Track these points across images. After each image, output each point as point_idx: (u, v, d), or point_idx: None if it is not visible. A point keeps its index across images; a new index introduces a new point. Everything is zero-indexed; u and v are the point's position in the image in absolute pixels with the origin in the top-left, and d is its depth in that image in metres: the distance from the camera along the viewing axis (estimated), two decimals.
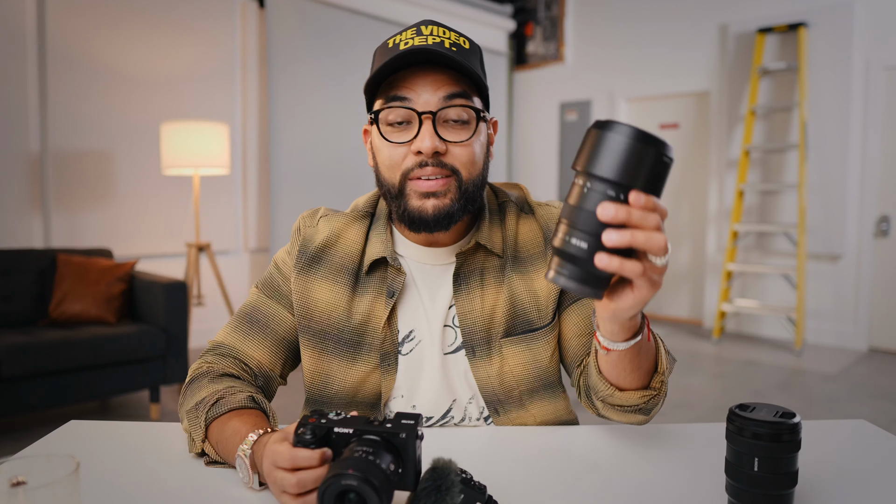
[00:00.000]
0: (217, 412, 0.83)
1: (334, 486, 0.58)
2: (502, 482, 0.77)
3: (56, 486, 0.51)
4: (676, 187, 5.68)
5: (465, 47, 0.89)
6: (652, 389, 0.83)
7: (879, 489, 0.77)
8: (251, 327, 0.98)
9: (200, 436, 0.83)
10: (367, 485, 0.58)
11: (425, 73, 0.87)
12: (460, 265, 0.95)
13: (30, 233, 3.78)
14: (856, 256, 4.65)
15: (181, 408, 0.90)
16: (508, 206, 1.00)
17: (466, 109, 0.87)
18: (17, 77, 3.69)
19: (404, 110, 0.87)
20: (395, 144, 0.88)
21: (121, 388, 3.03)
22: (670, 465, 0.83)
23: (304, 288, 0.97)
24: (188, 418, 0.86)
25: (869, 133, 4.56)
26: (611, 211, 0.56)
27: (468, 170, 0.88)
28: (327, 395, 0.97)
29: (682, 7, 5.41)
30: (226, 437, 0.79)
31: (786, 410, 0.68)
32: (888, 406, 3.41)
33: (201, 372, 0.93)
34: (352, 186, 5.08)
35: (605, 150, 0.57)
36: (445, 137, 0.87)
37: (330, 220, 1.00)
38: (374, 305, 0.95)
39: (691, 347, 4.73)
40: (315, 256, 0.97)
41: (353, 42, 5.11)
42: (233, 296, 4.62)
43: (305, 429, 0.66)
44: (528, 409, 0.97)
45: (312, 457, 0.65)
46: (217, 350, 0.97)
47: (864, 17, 4.52)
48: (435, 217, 0.87)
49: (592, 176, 0.58)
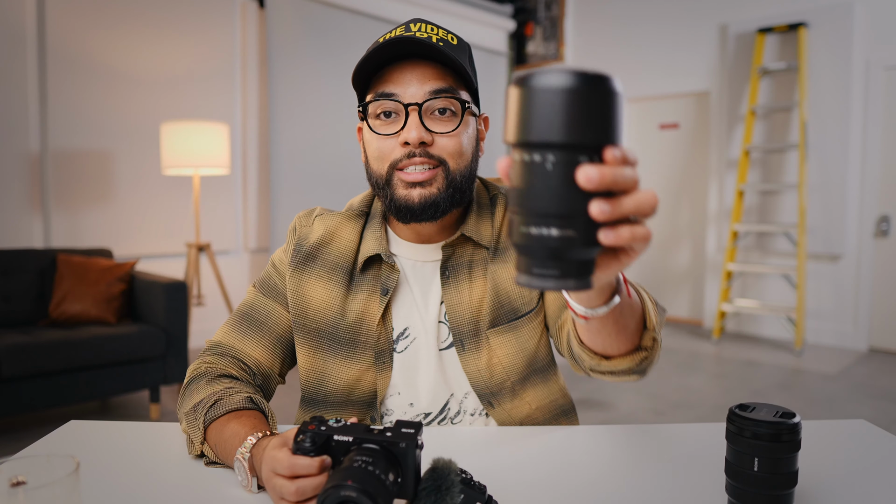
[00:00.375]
0: (215, 414, 0.83)
1: (332, 497, 0.58)
2: (502, 482, 0.77)
3: (56, 486, 0.51)
4: (676, 187, 5.68)
5: (453, 43, 0.91)
6: (643, 350, 0.75)
7: (879, 489, 0.77)
8: (249, 326, 0.98)
9: (199, 438, 0.82)
10: (365, 496, 0.57)
11: (412, 66, 0.88)
12: (447, 258, 0.96)
13: (30, 233, 3.78)
14: (856, 256, 4.65)
15: (180, 409, 0.90)
16: (499, 199, 1.01)
17: (453, 101, 0.89)
18: (17, 77, 3.69)
19: (392, 102, 0.88)
20: (382, 136, 0.89)
21: (121, 388, 3.03)
22: (670, 465, 0.83)
23: (299, 286, 0.97)
24: (187, 420, 0.86)
25: (869, 133, 4.56)
26: (594, 175, 0.43)
27: (455, 160, 0.89)
28: (322, 393, 0.97)
29: (682, 7, 5.41)
30: (224, 439, 0.79)
31: (786, 410, 0.68)
32: (888, 406, 3.41)
33: (199, 373, 0.92)
34: (352, 186, 5.08)
35: (546, 109, 0.44)
36: (432, 128, 0.88)
37: (325, 219, 1.00)
38: (369, 303, 0.96)
39: (691, 347, 4.73)
40: (310, 254, 0.98)
41: (353, 42, 5.11)
42: (233, 296, 4.62)
43: (305, 436, 0.66)
44: (522, 398, 0.97)
45: (311, 465, 0.64)
46: (215, 350, 0.96)
47: (864, 17, 4.52)
48: (421, 205, 0.88)
49: (543, 145, 0.44)
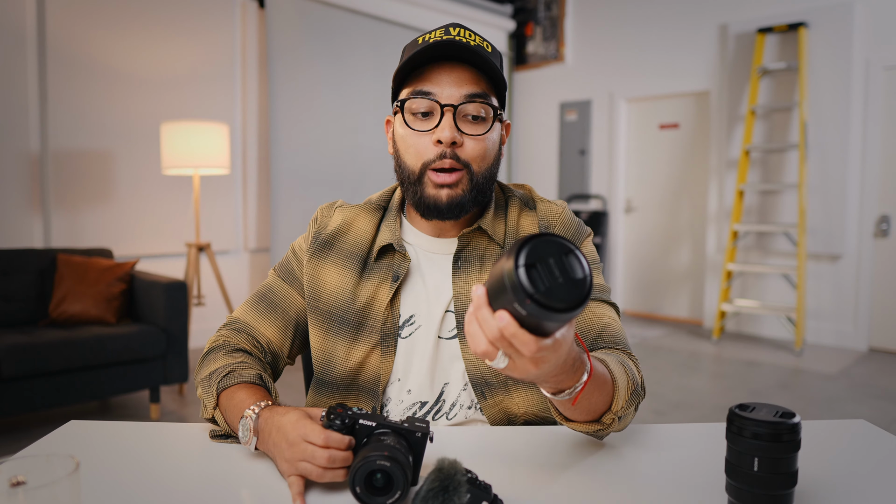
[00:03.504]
0: (228, 383, 0.90)
1: (368, 465, 0.67)
2: (506, 481, 0.77)
3: (56, 486, 0.51)
4: (676, 187, 5.68)
5: (489, 50, 0.96)
6: (601, 423, 0.83)
7: (879, 489, 0.77)
8: (266, 307, 1.05)
9: (212, 403, 0.90)
10: (398, 467, 0.66)
11: (450, 68, 0.93)
12: (462, 248, 1.00)
13: (30, 233, 3.78)
14: (856, 256, 4.65)
15: (197, 376, 0.97)
16: (512, 201, 1.06)
17: (485, 106, 0.94)
18: (17, 77, 3.69)
19: (428, 101, 0.93)
20: (417, 132, 0.94)
21: (121, 388, 3.03)
22: (670, 465, 0.83)
23: (315, 270, 1.03)
24: (202, 386, 0.94)
25: (869, 133, 4.56)
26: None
27: (478, 164, 0.95)
28: (331, 376, 1.01)
29: (682, 7, 5.41)
30: (233, 405, 0.87)
31: (786, 410, 0.68)
32: (888, 406, 3.41)
33: (218, 344, 1.00)
34: (352, 186, 5.08)
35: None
36: (463, 130, 0.93)
37: (345, 210, 1.06)
38: (379, 289, 1.00)
39: (691, 347, 4.73)
40: (327, 242, 1.03)
41: (353, 42, 5.11)
42: (233, 296, 4.62)
43: (335, 416, 0.74)
44: (513, 397, 0.97)
45: (343, 440, 0.73)
46: (233, 325, 1.04)
47: (864, 17, 4.52)
48: (448, 205, 0.94)
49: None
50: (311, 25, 4.85)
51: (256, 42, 4.77)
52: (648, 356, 4.47)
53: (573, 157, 6.30)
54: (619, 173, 6.02)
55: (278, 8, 4.65)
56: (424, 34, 0.96)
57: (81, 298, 3.12)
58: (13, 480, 0.52)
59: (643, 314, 5.95)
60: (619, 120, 5.96)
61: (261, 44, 4.77)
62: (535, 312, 0.54)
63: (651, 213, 5.89)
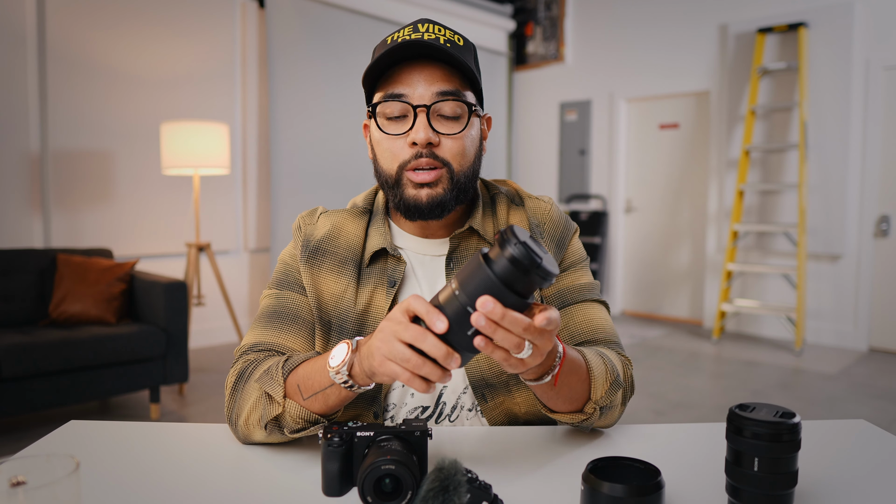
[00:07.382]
0: (292, 364, 0.84)
1: (376, 472, 0.67)
2: (506, 481, 0.77)
3: (56, 486, 0.51)
4: (676, 187, 5.68)
5: (459, 44, 0.93)
6: (583, 413, 0.86)
7: (879, 489, 0.77)
8: (282, 322, 0.97)
9: (280, 392, 0.82)
10: (405, 468, 0.67)
11: (420, 67, 0.91)
12: (453, 249, 0.98)
13: (30, 233, 3.78)
14: (856, 256, 4.65)
15: (235, 402, 0.89)
16: (499, 198, 1.04)
17: (459, 104, 0.91)
18: (17, 77, 3.69)
19: (400, 104, 0.91)
20: (391, 136, 0.92)
21: (121, 388, 3.03)
22: (670, 465, 0.83)
23: (313, 279, 0.99)
24: (261, 381, 0.85)
25: (869, 133, 4.56)
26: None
27: (458, 162, 0.92)
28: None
29: (682, 7, 5.41)
30: (313, 370, 0.81)
31: (786, 410, 0.68)
32: (888, 406, 3.41)
33: (247, 364, 0.91)
34: (352, 186, 5.08)
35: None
36: (439, 130, 0.91)
37: (330, 216, 1.03)
38: (375, 295, 0.98)
39: (691, 347, 4.73)
40: (318, 248, 1.00)
41: (353, 42, 5.11)
42: (233, 296, 4.62)
43: (332, 434, 0.74)
44: (515, 397, 0.97)
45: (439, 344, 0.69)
46: (254, 348, 0.94)
47: (864, 17, 4.52)
48: (429, 204, 0.92)
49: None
50: (310, 25, 4.85)
51: (256, 42, 4.77)
52: (648, 356, 4.47)
53: (573, 157, 6.30)
54: (619, 173, 6.02)
55: (278, 8, 4.65)
56: (393, 32, 0.93)
57: (81, 298, 3.12)
58: (13, 480, 0.52)
59: (643, 314, 5.95)
60: (619, 120, 5.96)
61: (261, 44, 4.77)
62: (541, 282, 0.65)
63: (651, 213, 5.89)
